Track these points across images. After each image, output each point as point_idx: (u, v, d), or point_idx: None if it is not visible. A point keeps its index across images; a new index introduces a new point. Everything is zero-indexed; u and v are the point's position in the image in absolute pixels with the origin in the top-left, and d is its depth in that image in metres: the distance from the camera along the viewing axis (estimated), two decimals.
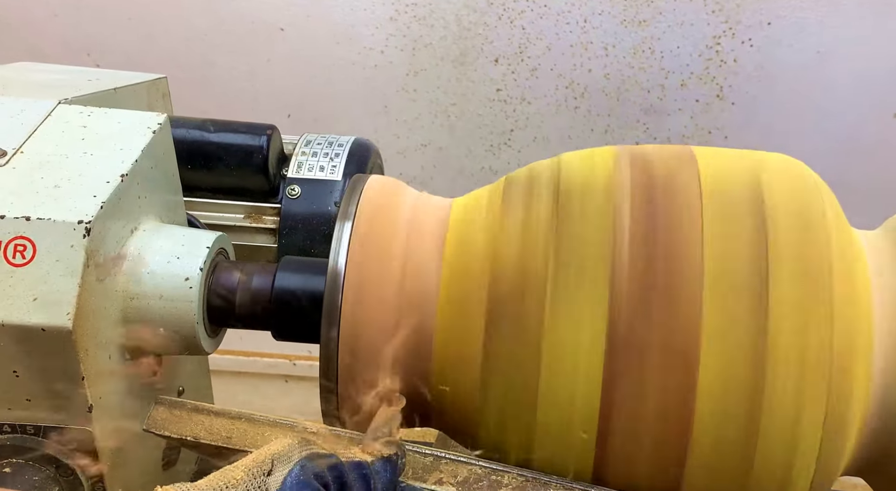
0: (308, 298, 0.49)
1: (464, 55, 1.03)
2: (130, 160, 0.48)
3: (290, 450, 0.37)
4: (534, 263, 0.43)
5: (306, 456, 0.36)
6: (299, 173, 0.64)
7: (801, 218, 0.43)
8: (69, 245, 0.43)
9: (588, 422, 0.42)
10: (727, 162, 0.46)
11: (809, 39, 0.95)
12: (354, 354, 0.46)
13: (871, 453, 0.45)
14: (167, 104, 0.67)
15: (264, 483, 0.35)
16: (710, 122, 1.01)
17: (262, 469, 0.35)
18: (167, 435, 0.45)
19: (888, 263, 0.45)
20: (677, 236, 0.42)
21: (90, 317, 0.44)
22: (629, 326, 0.41)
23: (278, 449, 0.36)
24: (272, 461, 0.36)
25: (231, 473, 0.35)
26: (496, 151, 1.08)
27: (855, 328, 0.42)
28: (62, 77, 0.61)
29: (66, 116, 0.51)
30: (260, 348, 1.26)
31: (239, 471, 0.35)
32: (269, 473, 0.35)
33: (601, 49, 1.00)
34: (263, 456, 0.36)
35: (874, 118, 0.98)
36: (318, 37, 1.04)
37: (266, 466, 0.35)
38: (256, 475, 0.35)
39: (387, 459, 0.40)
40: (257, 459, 0.36)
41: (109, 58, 1.06)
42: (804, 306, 0.41)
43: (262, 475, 0.35)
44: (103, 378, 0.46)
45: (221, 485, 0.34)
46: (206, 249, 0.50)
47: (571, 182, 0.45)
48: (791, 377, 0.41)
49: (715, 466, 0.42)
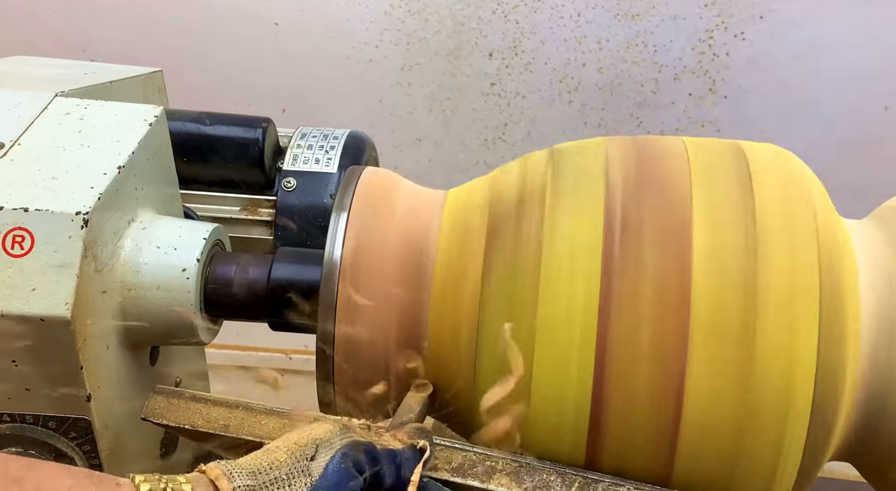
0: (304, 288, 0.50)
1: (458, 49, 1.04)
2: (127, 152, 0.49)
3: (332, 436, 0.37)
4: (532, 184, 0.46)
5: (347, 443, 0.37)
6: (295, 166, 0.64)
7: (786, 188, 0.44)
8: (67, 236, 0.44)
9: (588, 318, 0.42)
10: (715, 143, 0.48)
11: (801, 33, 0.96)
12: (351, 344, 0.46)
13: (860, 434, 0.45)
14: (163, 98, 0.67)
15: (307, 467, 0.35)
16: (702, 116, 1.02)
17: (305, 453, 0.35)
18: (165, 423, 0.46)
19: (873, 247, 0.46)
20: (667, 176, 0.45)
21: (88, 307, 0.44)
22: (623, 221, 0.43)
23: (321, 434, 0.37)
24: (316, 446, 0.36)
25: (274, 455, 0.35)
26: (491, 146, 1.08)
27: (841, 286, 0.43)
28: (58, 70, 0.61)
29: (63, 109, 0.51)
30: (255, 342, 1.26)
31: (282, 453, 0.35)
32: (312, 457, 0.35)
33: (595, 43, 1.00)
34: (306, 439, 0.36)
35: (866, 111, 0.98)
36: (313, 31, 1.05)
37: (310, 451, 0.35)
38: (300, 459, 0.35)
39: (415, 448, 0.39)
40: (300, 442, 0.36)
41: (104, 54, 1.06)
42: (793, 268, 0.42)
43: (304, 459, 0.35)
44: (101, 368, 0.46)
45: (266, 466, 0.34)
46: (202, 241, 0.50)
47: (566, 148, 0.48)
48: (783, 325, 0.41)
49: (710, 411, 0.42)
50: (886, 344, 0.44)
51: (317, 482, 0.34)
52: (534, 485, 0.43)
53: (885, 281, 0.45)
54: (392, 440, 0.40)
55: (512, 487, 0.43)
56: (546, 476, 0.43)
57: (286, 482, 0.34)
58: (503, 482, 0.43)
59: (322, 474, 0.35)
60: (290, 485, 0.34)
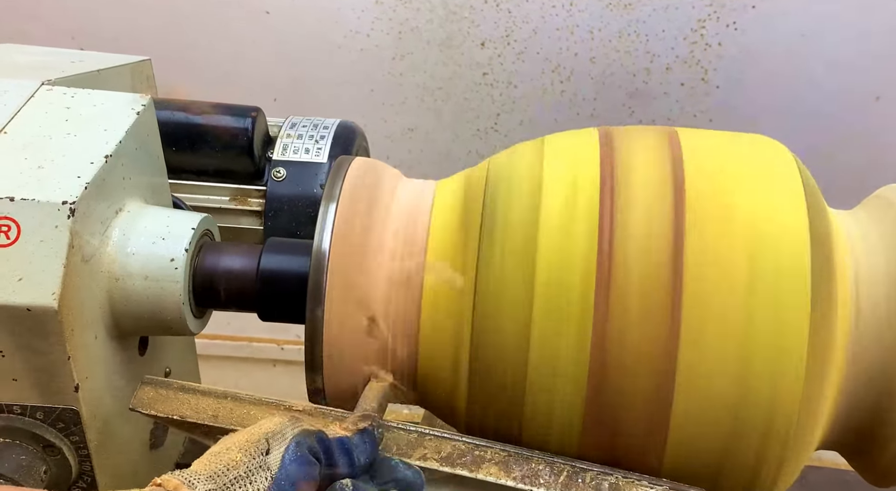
0: (293, 278, 0.49)
1: (450, 39, 1.03)
2: (115, 141, 0.48)
3: (282, 428, 0.37)
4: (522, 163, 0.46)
5: (299, 433, 0.37)
6: (284, 156, 0.64)
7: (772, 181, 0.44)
8: (54, 225, 0.43)
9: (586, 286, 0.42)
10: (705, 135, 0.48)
11: (793, 22, 0.96)
12: (340, 334, 0.46)
13: (847, 423, 0.46)
14: (151, 87, 0.67)
15: (264, 462, 0.35)
16: (694, 106, 1.01)
17: (259, 448, 0.35)
18: (153, 414, 0.46)
19: (863, 237, 0.46)
20: None
21: (75, 297, 0.44)
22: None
23: (271, 427, 0.37)
24: (267, 440, 0.36)
25: (229, 455, 0.35)
26: (483, 136, 1.08)
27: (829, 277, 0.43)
28: (45, 58, 0.60)
29: (50, 98, 0.51)
30: (248, 333, 1.26)
31: (236, 452, 0.35)
32: (266, 451, 0.35)
33: (587, 33, 1.00)
34: (257, 435, 0.36)
35: (857, 101, 0.98)
36: (304, 20, 1.04)
37: (263, 446, 0.35)
38: (255, 455, 0.35)
39: (363, 432, 0.40)
40: (251, 438, 0.36)
41: (94, 41, 1.06)
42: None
43: (260, 454, 0.35)
44: (89, 358, 0.46)
45: (223, 467, 0.34)
46: (191, 231, 0.50)
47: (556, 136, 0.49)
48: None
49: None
50: (875, 336, 0.44)
51: (277, 474, 0.34)
52: (522, 474, 0.43)
53: (875, 271, 0.45)
54: (339, 430, 0.40)
55: (501, 477, 0.43)
56: (535, 465, 0.43)
57: (246, 480, 0.34)
58: (492, 471, 0.43)
59: (280, 466, 0.35)
60: (252, 482, 0.34)
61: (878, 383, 0.44)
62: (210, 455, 0.35)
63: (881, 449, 0.46)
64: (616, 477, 0.43)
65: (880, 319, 0.44)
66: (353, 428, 0.40)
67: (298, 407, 0.45)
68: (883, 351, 0.44)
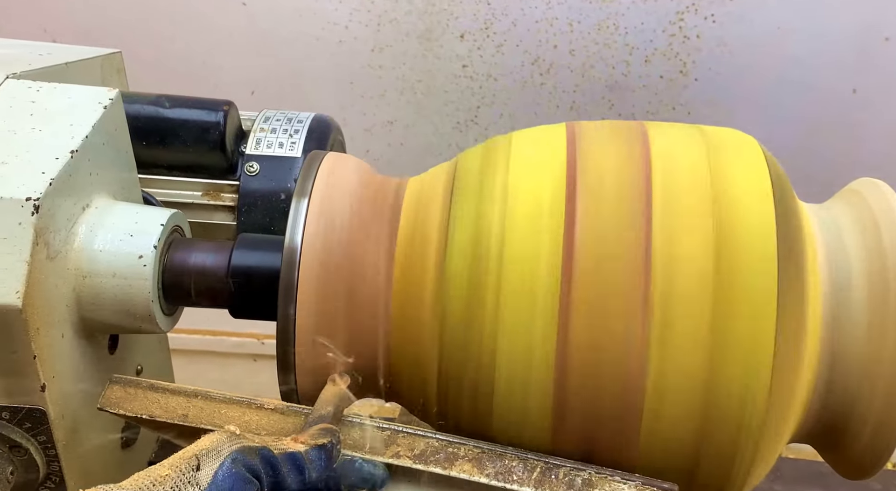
0: (265, 275, 0.49)
1: (429, 31, 1.02)
2: (81, 136, 0.47)
3: (218, 444, 0.36)
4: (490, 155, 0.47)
5: (237, 449, 0.36)
6: (258, 150, 0.63)
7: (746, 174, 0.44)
8: (17, 222, 0.42)
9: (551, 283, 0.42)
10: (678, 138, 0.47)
11: (770, 15, 0.96)
12: (312, 331, 0.46)
13: (822, 416, 0.46)
14: (122, 80, 0.66)
15: (194, 478, 0.34)
16: (673, 98, 1.01)
17: (189, 464, 0.35)
18: (122, 413, 0.45)
19: (834, 231, 0.46)
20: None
21: (40, 295, 0.43)
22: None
23: (206, 445, 0.36)
24: (198, 457, 0.35)
25: (157, 471, 0.34)
26: (463, 128, 1.07)
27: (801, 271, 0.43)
28: (12, 51, 0.59)
29: (14, 92, 0.50)
30: (227, 327, 1.25)
31: (164, 468, 0.34)
32: (197, 467, 0.35)
33: (566, 25, 1.00)
34: (190, 452, 0.36)
35: (834, 94, 0.99)
36: (281, 11, 1.03)
37: (193, 462, 0.35)
38: (185, 471, 0.34)
39: (321, 447, 0.39)
40: (184, 455, 0.35)
41: (66, 33, 1.04)
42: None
43: (190, 470, 0.34)
44: (56, 357, 0.45)
45: (147, 483, 0.33)
46: (160, 227, 0.49)
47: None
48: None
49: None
50: (847, 330, 0.44)
51: (207, 489, 0.34)
52: (496, 471, 0.43)
53: (847, 264, 0.45)
54: (293, 444, 0.39)
55: (474, 474, 0.42)
56: (508, 462, 0.43)
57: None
58: (465, 468, 0.43)
59: (212, 481, 0.34)
60: None
61: (849, 376, 0.44)
62: (142, 471, 0.35)
63: (852, 442, 0.46)
64: (589, 473, 0.42)
65: (851, 313, 0.44)
66: (312, 442, 0.39)
67: (271, 405, 0.45)
68: (855, 344, 0.44)
